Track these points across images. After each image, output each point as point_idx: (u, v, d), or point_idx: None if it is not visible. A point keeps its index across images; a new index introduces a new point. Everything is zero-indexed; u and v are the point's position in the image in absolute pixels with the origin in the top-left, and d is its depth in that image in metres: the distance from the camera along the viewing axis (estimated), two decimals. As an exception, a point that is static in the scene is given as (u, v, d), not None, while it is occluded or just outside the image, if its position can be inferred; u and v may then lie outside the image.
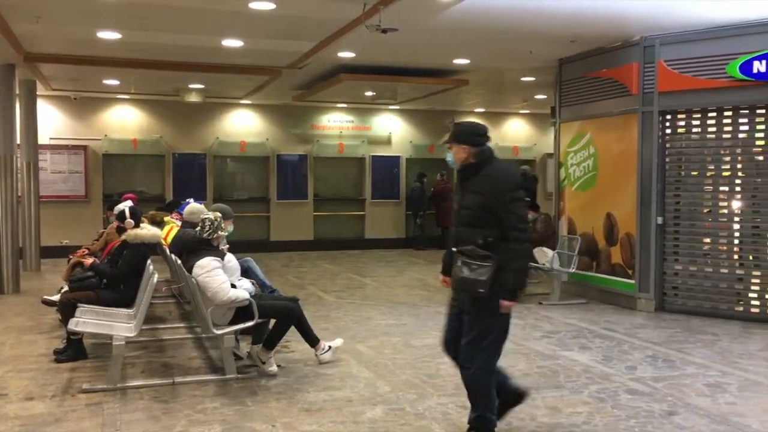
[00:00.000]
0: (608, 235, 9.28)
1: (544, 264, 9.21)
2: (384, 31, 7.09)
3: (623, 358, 6.44)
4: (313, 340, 6.14)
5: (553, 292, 9.33)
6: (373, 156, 16.33)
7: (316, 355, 6.17)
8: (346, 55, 9.89)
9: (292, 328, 6.00)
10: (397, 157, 16.50)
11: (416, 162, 16.54)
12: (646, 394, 5.36)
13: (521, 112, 17.13)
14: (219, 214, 5.92)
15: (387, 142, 16.47)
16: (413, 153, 16.54)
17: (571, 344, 7.01)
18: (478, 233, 4.06)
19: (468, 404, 5.05)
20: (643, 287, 8.75)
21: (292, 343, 6.60)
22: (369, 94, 13.75)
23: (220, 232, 5.83)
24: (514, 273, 4.03)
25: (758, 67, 7.74)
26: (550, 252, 9.27)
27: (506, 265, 3.99)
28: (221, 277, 5.53)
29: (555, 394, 5.36)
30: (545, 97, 13.40)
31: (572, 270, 9.29)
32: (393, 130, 16.52)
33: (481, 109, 16.78)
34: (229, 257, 5.96)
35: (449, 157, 4.33)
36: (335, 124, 16.13)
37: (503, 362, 6.16)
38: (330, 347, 6.24)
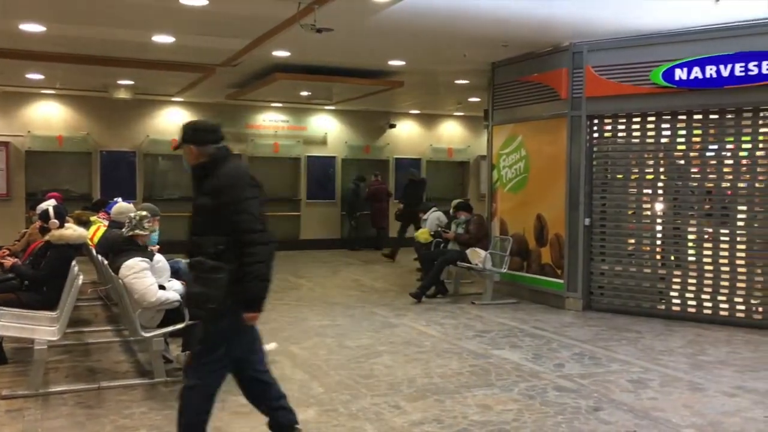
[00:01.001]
0: (538, 236, 9.50)
1: (476, 264, 9.35)
2: (319, 30, 7.07)
3: (552, 356, 6.60)
4: (245, 342, 6.04)
5: (486, 292, 9.48)
6: (308, 156, 16.23)
7: (248, 357, 6.07)
8: (281, 54, 9.81)
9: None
10: (333, 158, 16.45)
11: (352, 162, 16.54)
12: (573, 390, 5.51)
13: (456, 114, 17.36)
14: (142, 212, 5.77)
15: (323, 142, 16.40)
16: (349, 153, 16.53)
17: (502, 343, 7.14)
18: (209, 241, 3.63)
19: (401, 404, 5.10)
20: (571, 287, 8.99)
21: (224, 346, 6.48)
22: (304, 93, 13.68)
23: (138, 231, 5.67)
24: (252, 281, 3.60)
25: (680, 74, 8.07)
26: (482, 252, 9.43)
27: (242, 273, 3.58)
28: (149, 279, 5.40)
29: (486, 392, 5.44)
30: (479, 99, 13.62)
31: (504, 270, 9.47)
32: (329, 130, 16.47)
33: (417, 111, 16.93)
34: (159, 258, 5.82)
35: (185, 161, 3.86)
36: (270, 123, 15.97)
37: (437, 362, 6.24)
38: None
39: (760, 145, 7.90)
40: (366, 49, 9.53)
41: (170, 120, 15.16)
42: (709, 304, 8.15)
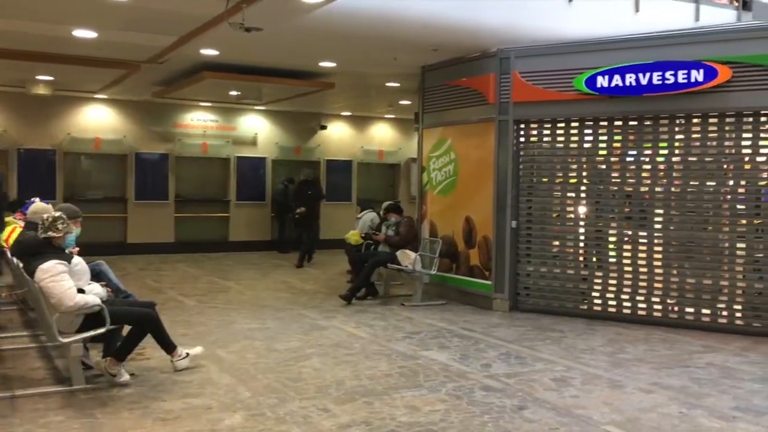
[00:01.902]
0: (467, 238, 9.65)
1: (406, 266, 9.42)
2: (248, 30, 6.97)
3: (479, 357, 6.70)
4: (169, 347, 5.91)
5: (415, 294, 9.56)
6: (238, 157, 15.98)
7: (172, 362, 5.94)
8: (210, 52, 9.62)
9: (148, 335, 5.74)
10: (263, 159, 16.26)
11: (283, 163, 16.39)
12: (499, 390, 5.61)
13: (387, 116, 17.44)
14: (56, 213, 5.54)
15: (253, 142, 16.18)
16: (279, 154, 16.37)
17: (431, 344, 7.21)
18: None
19: (330, 406, 5.08)
20: (498, 288, 9.16)
21: (147, 350, 6.31)
22: (234, 93, 13.47)
23: (51, 233, 5.44)
24: None
25: (602, 81, 8.34)
26: (412, 254, 9.50)
27: None
28: (66, 282, 5.19)
29: (414, 393, 5.48)
30: (410, 102, 13.72)
31: (433, 272, 9.56)
32: (259, 130, 16.26)
33: (348, 113, 16.92)
34: (77, 260, 5.60)
35: None
36: (199, 122, 15.65)
37: (366, 364, 6.25)
38: (188, 354, 6.02)
39: (676, 151, 8.25)
40: (296, 49, 9.46)
41: (93, 118, 14.68)
42: (629, 304, 8.45)
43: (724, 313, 7.94)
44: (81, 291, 5.35)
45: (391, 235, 9.95)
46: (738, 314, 7.87)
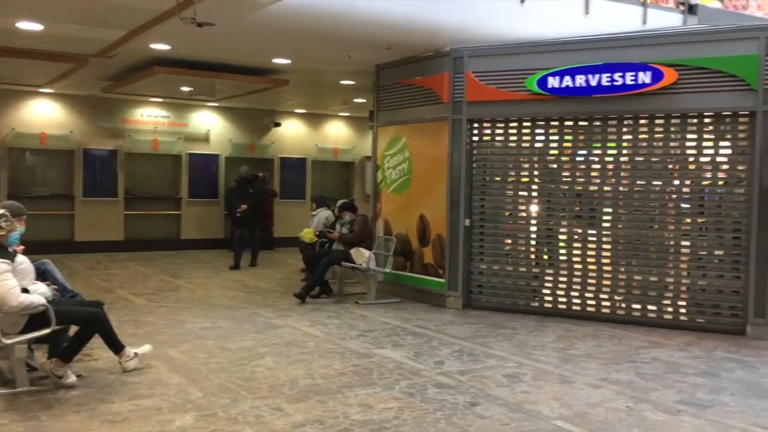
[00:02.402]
0: (421, 236, 9.70)
1: (361, 264, 9.42)
2: (200, 24, 6.87)
3: (433, 354, 6.75)
4: (117, 347, 5.79)
5: (370, 292, 9.57)
6: (190, 153, 15.74)
7: (120, 362, 5.82)
8: (160, 47, 9.45)
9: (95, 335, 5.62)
10: (216, 156, 16.05)
11: (236, 161, 16.15)
12: (452, 387, 5.66)
13: (341, 114, 17.41)
14: (2, 211, 5.37)
15: (205, 139, 15.96)
16: (233, 151, 16.18)
17: (385, 342, 7.22)
18: None
19: (283, 406, 5.05)
20: (452, 286, 9.24)
21: (95, 351, 6.17)
22: (185, 89, 13.26)
23: None
24: None
25: (553, 82, 8.48)
26: (366, 252, 9.51)
27: None
28: (10, 282, 5.04)
29: (368, 391, 5.49)
30: (364, 100, 13.72)
31: (388, 270, 9.59)
32: (212, 127, 16.05)
33: (302, 110, 16.83)
34: (21, 259, 5.43)
35: None
36: (149, 118, 15.36)
37: (320, 363, 6.23)
38: (136, 354, 5.91)
39: (624, 151, 8.45)
40: (250, 45, 9.36)
41: (39, 112, 14.28)
42: (578, 301, 8.62)
43: (669, 309, 8.16)
44: (25, 290, 5.19)
45: (346, 234, 9.94)
46: (682, 310, 8.10)
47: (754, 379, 6.05)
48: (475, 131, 9.24)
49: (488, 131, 9.23)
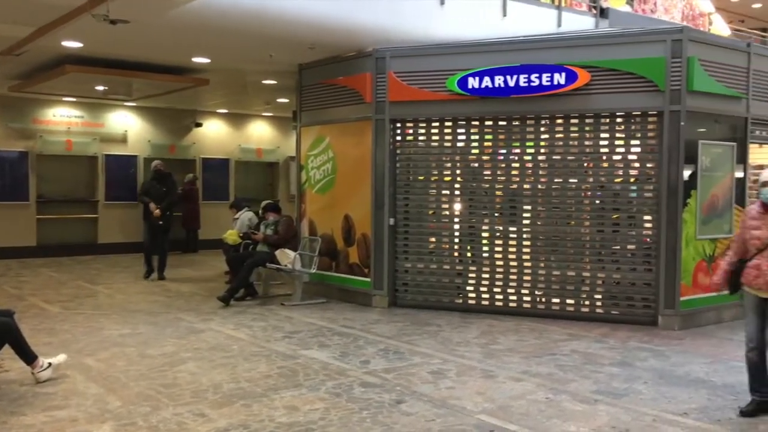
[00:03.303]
0: (346, 236, 9.70)
1: (286, 265, 9.34)
2: (113, 22, 6.66)
3: (359, 353, 6.76)
4: (29, 357, 5.55)
5: (295, 293, 9.50)
6: (106, 155, 15.22)
7: (33, 373, 5.58)
8: (72, 44, 9.10)
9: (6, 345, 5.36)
10: (134, 157, 15.57)
11: (155, 162, 15.77)
12: (378, 385, 5.69)
13: (265, 114, 17.21)
14: None
15: (122, 140, 15.47)
16: (152, 152, 15.71)
17: (310, 343, 7.19)
18: None
19: (206, 411, 4.96)
20: (377, 285, 9.28)
21: (5, 362, 5.89)
22: (100, 88, 12.80)
23: None
24: None
25: (473, 83, 8.64)
26: (291, 253, 9.43)
27: None
28: None
29: (294, 393, 5.45)
30: (287, 100, 13.62)
31: (313, 270, 9.54)
32: (129, 127, 15.57)
33: (224, 110, 16.55)
34: None
35: None
36: (62, 119, 14.77)
37: (244, 366, 6.15)
38: (50, 364, 5.68)
39: (542, 150, 8.69)
40: (167, 44, 9.13)
41: (-60, 112, 13.51)
42: (500, 297, 8.82)
43: (586, 302, 8.46)
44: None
45: (270, 235, 9.84)
46: (598, 303, 8.41)
47: (665, 368, 6.34)
48: (398, 131, 9.32)
49: (411, 131, 9.31)
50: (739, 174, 8.65)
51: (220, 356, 6.57)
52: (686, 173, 8.03)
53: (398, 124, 9.29)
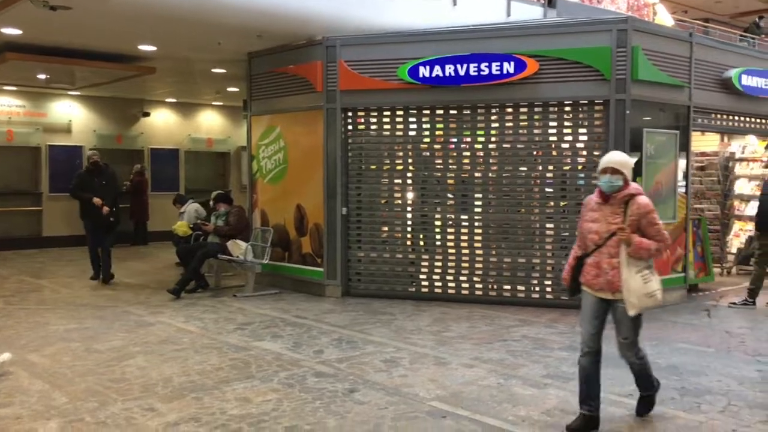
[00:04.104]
0: (298, 226, 9.64)
1: (237, 257, 9.24)
2: (53, 8, 6.46)
3: (312, 343, 6.74)
4: (-30, 356, 5.34)
5: (247, 284, 9.41)
6: (50, 145, 14.77)
7: (-26, 371, 5.40)
8: (11, 31, 8.79)
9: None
10: (80, 147, 15.14)
11: (102, 153, 15.21)
12: (331, 375, 5.68)
13: (215, 103, 16.94)
14: None
15: (67, 130, 15.03)
16: (98, 143, 15.29)
17: (263, 334, 7.14)
18: None
19: (156, 405, 4.88)
20: (330, 274, 9.26)
21: (-56, 361, 5.69)
22: (42, 77, 12.39)
23: None
24: None
25: (423, 72, 8.65)
26: (243, 244, 9.34)
27: None
28: None
29: (246, 384, 5.40)
30: (238, 89, 13.43)
31: (265, 261, 9.46)
32: (74, 117, 15.14)
33: (173, 99, 16.22)
34: None
35: None
36: (3, 108, 14.27)
37: (195, 359, 6.05)
38: (-7, 362, 5.50)
39: (492, 139, 8.77)
40: (111, 31, 8.89)
41: None
42: (453, 284, 8.90)
43: (537, 288, 8.60)
44: None
45: (221, 226, 9.71)
46: (548, 289, 8.56)
47: (612, 351, 6.43)
48: (350, 120, 9.28)
49: (363, 120, 9.29)
50: (683, 162, 8.89)
51: (170, 349, 6.47)
52: (632, 161, 8.21)
53: (350, 113, 9.25)
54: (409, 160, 9.21)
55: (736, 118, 9.78)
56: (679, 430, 4.54)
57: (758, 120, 10.20)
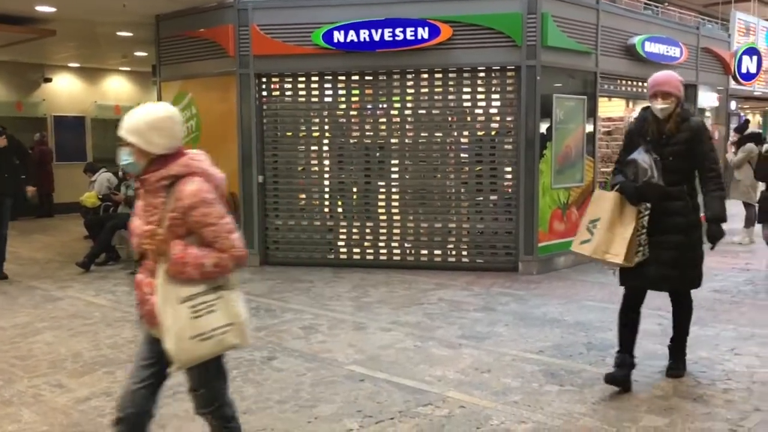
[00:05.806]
0: (213, 195, 9.41)
1: (150, 227, 8.96)
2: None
3: (229, 313, 6.65)
4: None
5: (161, 255, 9.16)
6: (-59, 113, 13.85)
7: None
8: None
9: None
10: (-25, 115, 14.27)
11: (0, 120, 14.51)
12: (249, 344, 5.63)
13: (122, 69, 16.23)
14: None
15: (-40, 97, 14.11)
16: (-4, 110, 14.49)
17: (178, 305, 6.98)
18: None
19: (65, 381, 4.72)
20: (248, 243, 9.12)
21: None
22: (-70, 39, 11.54)
23: None
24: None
25: (338, 37, 8.55)
26: (155, 215, 9.06)
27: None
28: None
29: (160, 357, 5.29)
30: (146, 54, 12.90)
31: (179, 231, 9.21)
32: (-33, 83, 14.22)
33: (77, 64, 15.43)
34: None
35: None
36: None
37: (107, 333, 5.86)
38: None
39: (408, 105, 8.80)
40: (5, -10, 8.35)
41: None
42: (371, 251, 8.95)
43: (453, 252, 8.77)
44: None
45: (132, 196, 9.37)
46: (464, 253, 8.74)
47: (524, 311, 6.73)
48: (264, 86, 9.10)
49: (277, 86, 9.12)
50: (590, 126, 9.19)
51: (79, 324, 6.26)
52: (543, 126, 8.43)
53: (264, 79, 9.06)
54: (326, 127, 9.13)
55: (641, 84, 10.17)
56: (585, 382, 4.75)
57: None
